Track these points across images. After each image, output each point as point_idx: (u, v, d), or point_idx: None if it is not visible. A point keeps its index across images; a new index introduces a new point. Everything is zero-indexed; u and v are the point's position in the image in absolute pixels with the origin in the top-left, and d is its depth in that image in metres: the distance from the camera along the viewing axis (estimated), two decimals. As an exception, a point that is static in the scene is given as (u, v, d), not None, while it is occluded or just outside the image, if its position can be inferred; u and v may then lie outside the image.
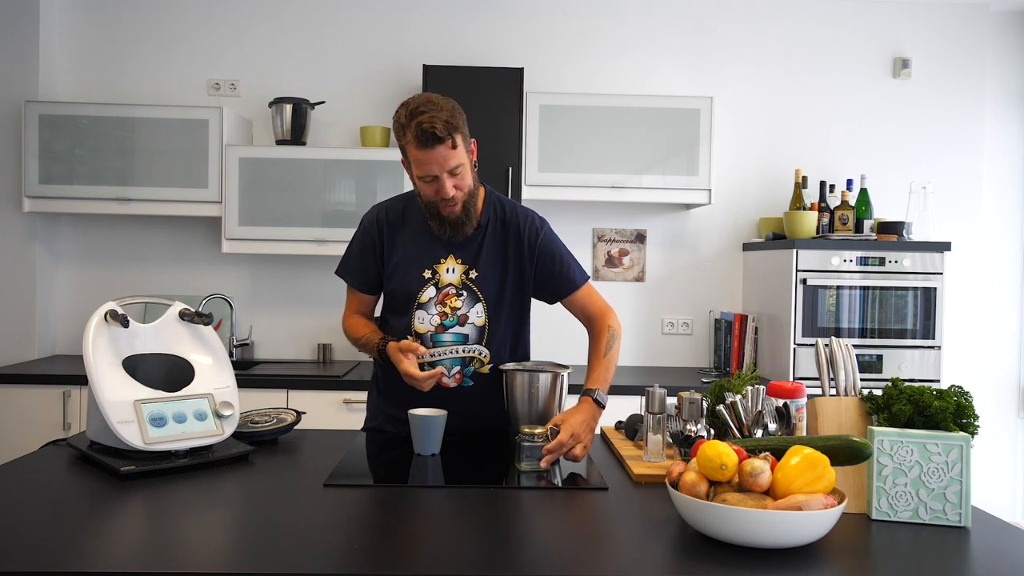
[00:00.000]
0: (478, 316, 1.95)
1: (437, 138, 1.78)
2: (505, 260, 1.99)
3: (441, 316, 1.95)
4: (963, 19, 3.91)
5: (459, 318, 1.95)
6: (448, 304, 1.95)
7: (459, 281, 1.96)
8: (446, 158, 1.82)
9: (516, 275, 2.00)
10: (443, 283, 1.96)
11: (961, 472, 1.38)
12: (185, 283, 3.81)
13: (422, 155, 1.81)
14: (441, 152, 1.80)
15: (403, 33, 3.83)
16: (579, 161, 3.52)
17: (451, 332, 1.95)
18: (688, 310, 3.93)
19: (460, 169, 1.85)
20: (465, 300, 1.95)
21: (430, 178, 1.85)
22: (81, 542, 1.24)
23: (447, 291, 1.95)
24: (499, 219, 2.01)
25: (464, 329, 1.95)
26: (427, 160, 1.82)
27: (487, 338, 1.96)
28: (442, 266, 1.96)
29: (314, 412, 3.01)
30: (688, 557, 1.22)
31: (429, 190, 1.87)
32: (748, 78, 3.89)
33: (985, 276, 3.99)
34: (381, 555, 1.22)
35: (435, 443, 1.80)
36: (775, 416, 1.62)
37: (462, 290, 1.95)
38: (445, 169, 1.83)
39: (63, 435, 3.07)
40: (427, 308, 1.95)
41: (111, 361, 1.66)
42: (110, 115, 3.44)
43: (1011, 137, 4.02)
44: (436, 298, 1.95)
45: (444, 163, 1.82)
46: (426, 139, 1.78)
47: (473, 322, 1.95)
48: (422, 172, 1.84)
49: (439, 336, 1.95)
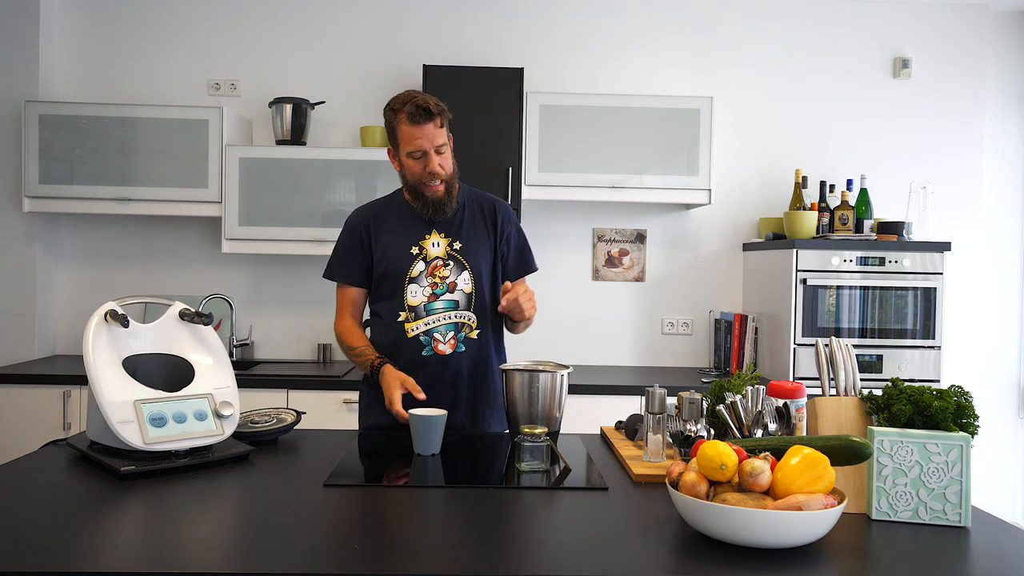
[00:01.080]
0: (466, 283, 2.10)
1: (429, 113, 1.98)
2: (484, 232, 2.16)
3: (432, 286, 2.09)
4: (963, 19, 3.91)
5: (448, 286, 2.10)
6: (437, 275, 2.10)
7: (444, 253, 2.11)
8: (435, 135, 2.01)
9: (492, 247, 2.17)
10: (430, 256, 2.11)
11: (961, 472, 1.38)
12: (185, 283, 3.81)
13: (414, 130, 2.00)
14: (431, 129, 2.00)
15: (403, 33, 3.83)
16: (579, 161, 3.52)
17: (442, 300, 2.10)
18: (688, 310, 3.93)
19: (445, 149, 2.05)
20: (452, 269, 2.11)
21: (419, 153, 2.02)
22: (81, 542, 1.24)
23: (435, 263, 2.10)
24: (475, 200, 2.19)
25: (454, 296, 2.10)
26: (418, 135, 2.00)
27: (474, 303, 2.11)
28: (427, 241, 2.11)
29: (314, 412, 3.00)
30: (688, 557, 1.22)
31: (417, 167, 2.04)
32: (748, 78, 3.89)
33: (985, 276, 3.99)
34: (381, 555, 1.22)
35: (435, 443, 1.81)
36: (775, 416, 1.62)
37: (448, 260, 2.11)
38: (433, 145, 2.01)
39: (63, 435, 3.07)
40: (418, 281, 2.10)
41: (111, 361, 1.66)
42: (110, 115, 3.44)
43: (1011, 137, 4.02)
44: (426, 271, 2.08)
45: (433, 139, 2.01)
46: (419, 114, 1.98)
47: (462, 289, 2.10)
48: (412, 148, 2.02)
49: (431, 305, 2.09)
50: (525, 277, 2.22)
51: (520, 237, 2.22)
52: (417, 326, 2.08)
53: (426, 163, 2.02)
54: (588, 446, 1.94)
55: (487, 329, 2.13)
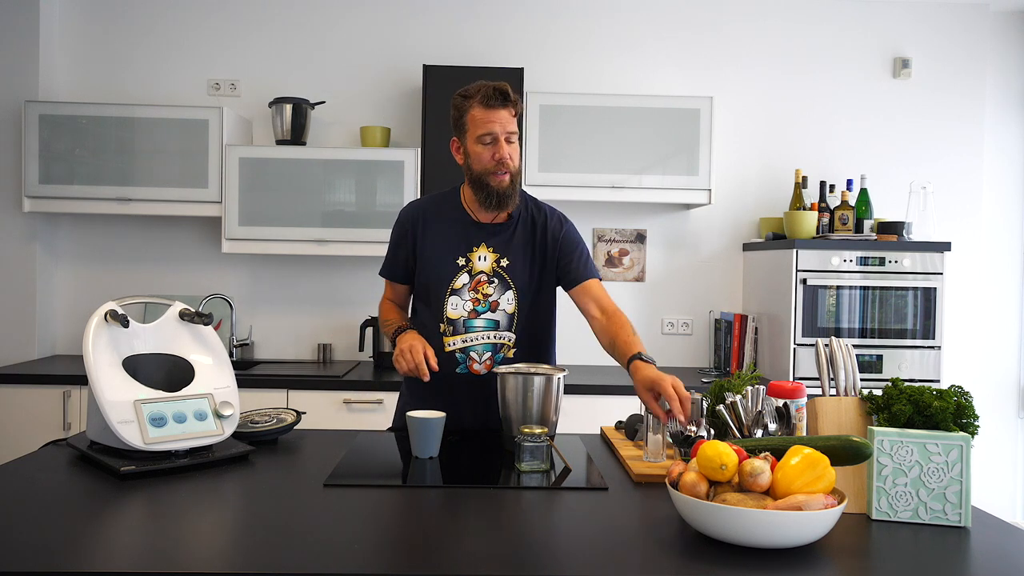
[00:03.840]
0: (508, 303, 2.03)
1: (506, 97, 1.93)
2: (533, 251, 2.06)
3: (474, 302, 2.02)
4: (963, 19, 3.91)
5: (491, 304, 2.02)
6: (480, 291, 2.02)
7: (490, 269, 2.03)
8: (508, 121, 1.94)
9: (542, 266, 2.07)
10: (476, 270, 2.03)
11: (961, 472, 1.38)
12: (185, 283, 3.80)
13: (487, 114, 1.93)
14: (504, 114, 1.94)
15: (403, 33, 3.83)
16: (579, 161, 3.52)
17: (483, 318, 2.02)
18: (688, 310, 3.93)
19: (514, 139, 1.97)
20: (496, 287, 2.02)
21: (490, 138, 1.94)
22: (81, 542, 1.24)
23: (479, 278, 2.02)
24: (530, 213, 2.09)
25: (495, 315, 2.02)
26: (491, 119, 1.93)
27: (516, 325, 2.03)
28: (475, 254, 2.03)
29: (314, 412, 3.00)
30: (688, 557, 1.22)
31: (486, 153, 1.95)
32: (748, 78, 3.89)
33: (985, 276, 3.99)
34: (381, 555, 1.22)
35: (433, 446, 1.80)
36: (775, 416, 1.62)
37: (493, 277, 2.03)
38: (506, 130, 1.94)
39: (63, 435, 3.06)
40: (460, 294, 2.02)
41: (111, 361, 1.66)
42: (110, 115, 3.44)
43: (1011, 137, 4.02)
44: (469, 284, 2.02)
45: (505, 124, 1.94)
46: (495, 97, 1.92)
47: (504, 308, 2.03)
48: (484, 131, 1.93)
49: (471, 322, 2.02)
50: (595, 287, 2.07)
51: (575, 247, 2.07)
52: (454, 341, 2.01)
53: (496, 149, 1.94)
54: (588, 446, 1.95)
55: (525, 351, 2.04)
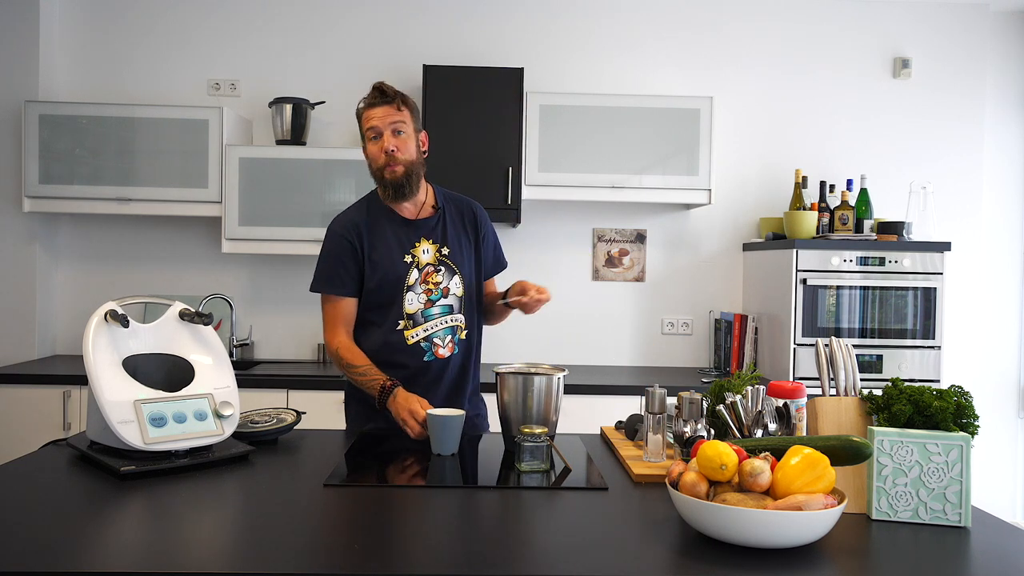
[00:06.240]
0: (457, 287, 2.15)
1: (385, 95, 2.05)
2: (467, 234, 2.21)
3: (427, 293, 2.12)
4: (963, 19, 3.91)
5: (442, 291, 2.14)
6: (431, 281, 2.13)
7: (435, 259, 2.14)
8: (390, 114, 2.05)
9: (474, 248, 2.21)
10: (422, 263, 2.13)
11: (961, 472, 1.38)
12: (185, 283, 3.81)
13: (370, 112, 2.07)
14: (386, 109, 2.05)
15: (403, 33, 3.83)
16: (579, 161, 3.52)
17: (438, 305, 2.13)
18: (688, 310, 3.93)
19: (404, 130, 2.07)
20: (444, 274, 2.14)
21: (373, 134, 2.07)
22: (81, 542, 1.24)
23: (427, 270, 2.13)
24: (451, 203, 2.23)
25: (448, 300, 2.14)
26: (372, 115, 2.06)
27: (464, 306, 2.16)
28: (417, 249, 2.13)
29: (314, 412, 2.99)
30: (688, 557, 1.22)
31: (375, 148, 2.08)
32: (748, 78, 3.89)
33: (985, 276, 3.99)
34: (381, 555, 1.22)
35: (454, 443, 1.81)
36: (775, 416, 1.62)
37: (439, 266, 2.14)
38: (387, 123, 2.05)
39: (63, 435, 3.07)
40: (414, 289, 2.11)
41: (111, 361, 1.66)
42: (110, 115, 3.44)
43: (1011, 137, 4.02)
44: (419, 278, 2.12)
45: (387, 118, 2.05)
46: (375, 94, 2.06)
47: (454, 293, 2.15)
48: (367, 126, 2.07)
49: (428, 311, 2.12)
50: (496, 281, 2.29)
51: (494, 235, 2.29)
52: (416, 333, 2.10)
53: (381, 143, 2.06)
54: (588, 446, 1.94)
55: (474, 328, 2.20)
